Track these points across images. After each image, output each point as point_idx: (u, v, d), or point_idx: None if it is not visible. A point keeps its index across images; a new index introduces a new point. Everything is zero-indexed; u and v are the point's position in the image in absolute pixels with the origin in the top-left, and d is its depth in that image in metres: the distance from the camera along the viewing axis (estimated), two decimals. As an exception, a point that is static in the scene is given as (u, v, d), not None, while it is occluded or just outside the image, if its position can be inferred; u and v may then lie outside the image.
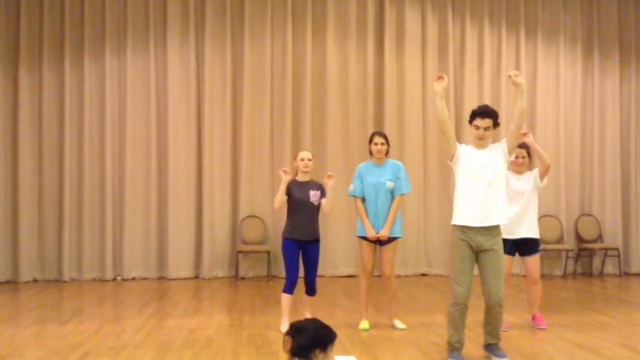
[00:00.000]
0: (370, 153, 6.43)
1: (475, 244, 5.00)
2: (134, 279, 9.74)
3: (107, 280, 9.59)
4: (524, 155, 6.39)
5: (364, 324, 6.30)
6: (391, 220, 6.18)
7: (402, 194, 6.29)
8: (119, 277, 9.72)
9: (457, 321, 5.04)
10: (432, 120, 10.33)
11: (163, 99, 9.94)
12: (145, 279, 9.77)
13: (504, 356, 5.08)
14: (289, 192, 6.23)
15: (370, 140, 6.43)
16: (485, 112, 5.11)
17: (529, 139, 6.31)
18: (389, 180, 6.23)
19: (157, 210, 9.89)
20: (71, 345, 5.53)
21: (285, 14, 10.13)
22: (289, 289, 6.18)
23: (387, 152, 6.37)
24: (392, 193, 6.25)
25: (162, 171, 9.93)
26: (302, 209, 6.18)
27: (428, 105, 10.34)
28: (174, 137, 9.91)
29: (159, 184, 9.92)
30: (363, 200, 6.29)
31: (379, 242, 6.27)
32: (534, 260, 6.36)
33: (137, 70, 9.92)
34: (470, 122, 5.17)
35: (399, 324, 6.37)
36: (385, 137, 6.41)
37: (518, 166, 6.37)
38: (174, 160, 9.89)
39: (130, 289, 8.95)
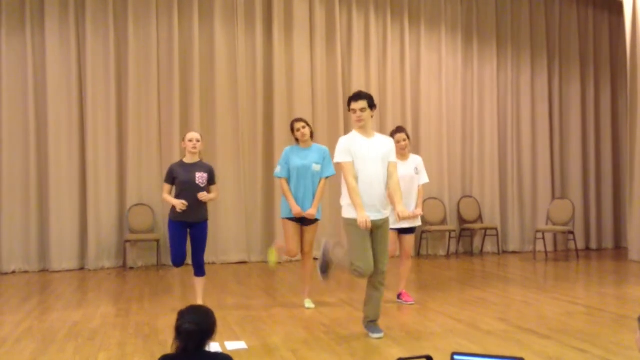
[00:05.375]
0: (297, 140, 6.55)
1: None
2: (13, 272, 9.29)
3: (-17, 275, 9.12)
4: (405, 139, 6.65)
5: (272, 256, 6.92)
6: (318, 201, 6.38)
7: (327, 177, 6.47)
8: (-4, 271, 9.26)
9: None
10: (320, 106, 10.48)
11: (42, 83, 9.51)
12: (26, 272, 9.35)
13: (380, 332, 5.28)
14: (174, 175, 6.19)
15: (292, 128, 6.57)
16: (357, 95, 5.32)
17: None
18: (315, 162, 6.38)
19: (38, 199, 9.46)
20: (-57, 344, 5.22)
21: (170, -4, 9.93)
22: (176, 264, 6.26)
23: (312, 135, 6.55)
24: (319, 176, 6.42)
25: (41, 158, 9.51)
26: (187, 191, 6.13)
27: (317, 92, 10.48)
28: (55, 122, 9.50)
29: (38, 171, 9.49)
30: (288, 182, 6.41)
31: (302, 223, 6.44)
32: (410, 238, 6.78)
33: (12, 52, 9.43)
34: (348, 109, 5.36)
35: (309, 303, 6.51)
36: (306, 121, 6.58)
37: (401, 149, 6.60)
38: (55, 147, 9.49)
39: (9, 283, 8.53)
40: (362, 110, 5.25)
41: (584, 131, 11.85)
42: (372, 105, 5.31)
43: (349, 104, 5.34)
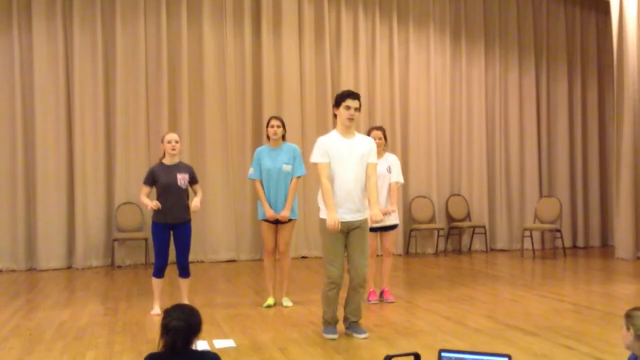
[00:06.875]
0: (268, 137, 6.51)
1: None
2: (0, 271, 9.24)
3: (-30, 274, 9.06)
4: (380, 137, 6.64)
5: (269, 301, 6.53)
6: (290, 201, 6.37)
7: (299, 177, 6.46)
8: (-17, 270, 9.20)
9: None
10: (309, 106, 10.47)
11: (29, 81, 9.47)
12: (13, 271, 9.30)
13: (364, 332, 5.28)
14: (155, 178, 6.18)
15: (267, 124, 6.54)
16: (355, 94, 5.24)
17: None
18: (285, 163, 6.37)
19: (25, 198, 9.42)
20: None
21: (158, -5, 9.89)
22: (158, 273, 6.26)
23: (283, 136, 6.51)
24: (291, 176, 6.42)
25: (29, 157, 9.47)
26: (170, 192, 6.15)
27: (306, 90, 10.48)
28: (42, 121, 9.45)
29: (26, 170, 9.45)
30: (262, 183, 6.41)
31: (278, 223, 6.45)
32: (390, 235, 6.75)
33: (-1, 50, 9.39)
34: (339, 103, 5.21)
35: (286, 301, 6.51)
36: (282, 121, 6.56)
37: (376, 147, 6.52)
38: (43, 145, 9.44)
39: (-4, 282, 8.49)
40: (356, 109, 5.21)
41: (571, 130, 11.91)
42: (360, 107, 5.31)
43: (342, 100, 5.18)
